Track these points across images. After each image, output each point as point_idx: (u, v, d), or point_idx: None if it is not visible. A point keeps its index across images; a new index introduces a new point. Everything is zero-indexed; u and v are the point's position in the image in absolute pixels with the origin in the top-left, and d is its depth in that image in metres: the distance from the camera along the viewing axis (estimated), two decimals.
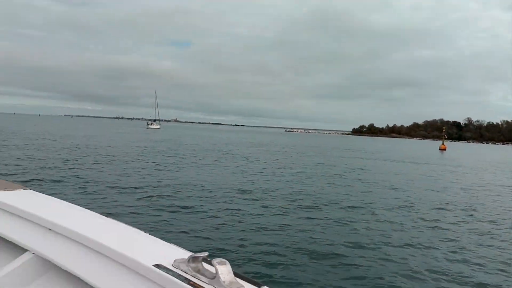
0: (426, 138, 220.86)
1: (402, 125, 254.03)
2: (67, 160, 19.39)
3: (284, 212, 10.72)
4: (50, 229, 1.43)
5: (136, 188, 12.87)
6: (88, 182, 13.40)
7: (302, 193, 14.08)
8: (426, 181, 20.91)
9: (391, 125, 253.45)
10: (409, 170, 27.14)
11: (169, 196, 11.94)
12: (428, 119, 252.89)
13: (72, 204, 1.78)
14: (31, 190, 1.95)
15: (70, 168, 16.35)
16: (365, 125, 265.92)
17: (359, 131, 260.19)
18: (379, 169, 26.56)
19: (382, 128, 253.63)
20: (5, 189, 1.85)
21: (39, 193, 1.92)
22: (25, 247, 1.44)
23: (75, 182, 13.29)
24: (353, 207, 12.06)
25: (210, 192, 12.92)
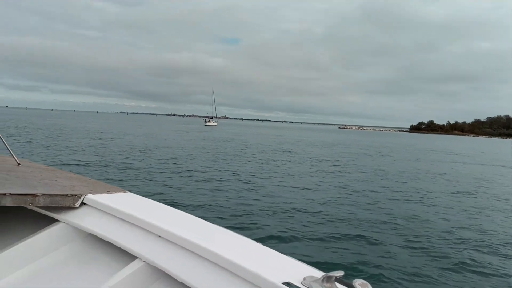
0: (492, 135, 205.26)
1: (464, 122, 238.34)
2: (142, 159, 18.17)
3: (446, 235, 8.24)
4: (159, 236, 1.40)
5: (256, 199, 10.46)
6: (187, 186, 11.62)
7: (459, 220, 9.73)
8: None
9: (451, 121, 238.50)
10: None
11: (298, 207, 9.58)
12: (490, 115, 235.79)
13: (176, 209, 1.70)
14: (131, 193, 1.91)
15: (147, 169, 15.13)
16: (423, 121, 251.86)
17: (417, 128, 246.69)
18: None
19: (443, 125, 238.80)
20: (108, 191, 1.83)
21: (140, 196, 1.87)
22: (136, 254, 1.39)
23: (166, 184, 11.93)
24: None
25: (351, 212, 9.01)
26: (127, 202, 1.72)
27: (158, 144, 28.88)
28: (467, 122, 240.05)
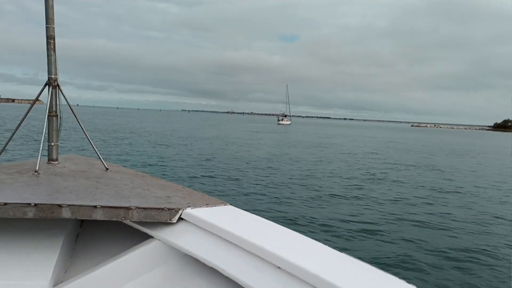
0: None
1: None
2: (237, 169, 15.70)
3: None
4: (279, 268, 1.15)
5: None
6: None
7: None
8: None
9: None
10: None
11: None
12: None
13: (292, 231, 1.42)
14: (232, 206, 1.70)
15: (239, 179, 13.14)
16: (509, 118, 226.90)
17: (503, 126, 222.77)
18: None
19: None
20: (207, 204, 1.65)
21: (242, 210, 1.64)
22: (246, 287, 1.16)
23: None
24: None
25: None
26: (230, 218, 1.52)
27: (238, 150, 24.38)
28: None
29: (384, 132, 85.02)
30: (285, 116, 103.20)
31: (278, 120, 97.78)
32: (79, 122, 2.27)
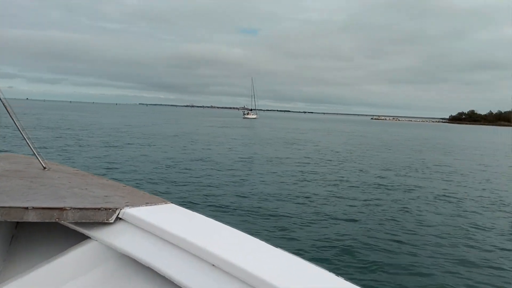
0: None
1: (499, 112, 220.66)
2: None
3: None
4: (213, 265, 1.14)
5: None
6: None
7: None
8: None
9: (481, 112, 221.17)
10: None
11: None
12: None
13: (233, 229, 1.38)
14: (174, 205, 1.64)
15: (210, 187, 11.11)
16: (463, 111, 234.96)
17: (457, 119, 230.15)
18: None
19: (485, 115, 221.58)
20: (147, 203, 1.59)
21: (184, 209, 1.59)
22: (183, 286, 1.13)
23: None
24: None
25: None
26: (170, 217, 1.48)
27: (203, 147, 21.32)
28: (493, 113, 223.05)
29: (352, 126, 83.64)
30: (251, 110, 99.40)
31: (244, 114, 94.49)
32: (12, 118, 1.97)
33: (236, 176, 13.02)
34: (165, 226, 1.31)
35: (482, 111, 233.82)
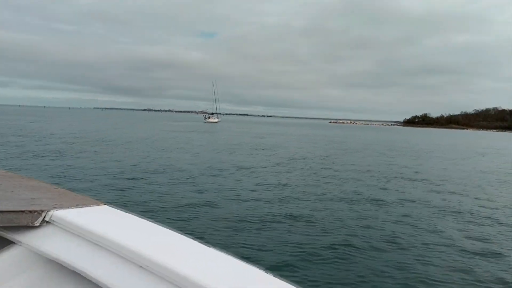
0: (486, 128, 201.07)
1: (459, 115, 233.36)
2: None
3: None
4: (140, 267, 1.11)
5: None
6: None
7: None
8: None
9: (432, 115, 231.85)
10: None
11: None
12: (465, 109, 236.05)
13: (167, 229, 1.34)
14: (107, 206, 1.55)
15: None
16: (417, 115, 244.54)
17: (411, 122, 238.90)
18: None
19: (437, 118, 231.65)
20: (77, 205, 1.51)
21: (118, 210, 1.50)
22: None
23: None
24: None
25: None
26: (101, 218, 1.41)
27: (159, 155, 19.03)
28: (444, 116, 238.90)
29: (312, 130, 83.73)
30: (212, 113, 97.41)
31: (205, 118, 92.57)
32: None
33: (201, 185, 11.40)
34: (94, 228, 1.25)
35: (434, 114, 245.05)
